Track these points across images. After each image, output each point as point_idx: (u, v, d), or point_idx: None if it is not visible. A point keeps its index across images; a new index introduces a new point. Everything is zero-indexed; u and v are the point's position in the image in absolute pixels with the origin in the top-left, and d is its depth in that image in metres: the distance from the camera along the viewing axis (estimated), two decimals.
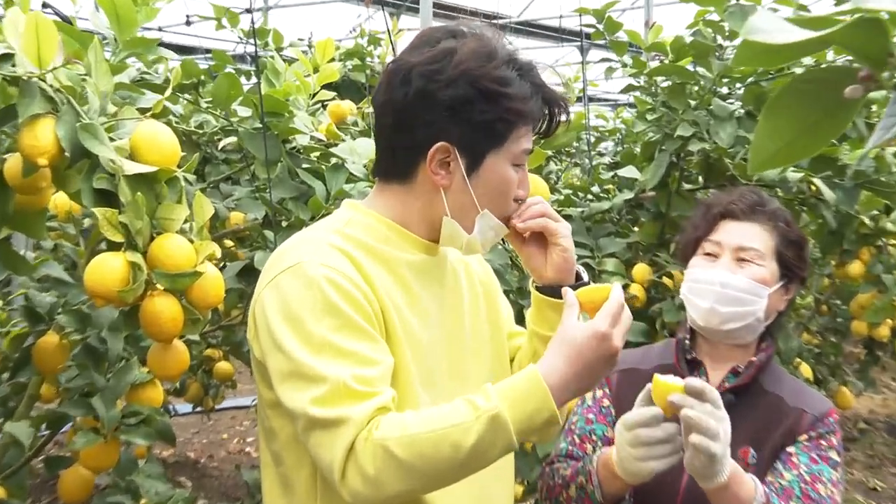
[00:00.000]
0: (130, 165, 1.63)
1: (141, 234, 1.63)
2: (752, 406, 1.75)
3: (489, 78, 1.38)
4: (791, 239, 1.79)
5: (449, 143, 1.40)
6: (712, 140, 2.92)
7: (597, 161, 4.59)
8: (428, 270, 1.51)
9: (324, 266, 1.35)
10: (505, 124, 1.41)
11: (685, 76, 3.01)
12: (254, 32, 2.91)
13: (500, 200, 1.47)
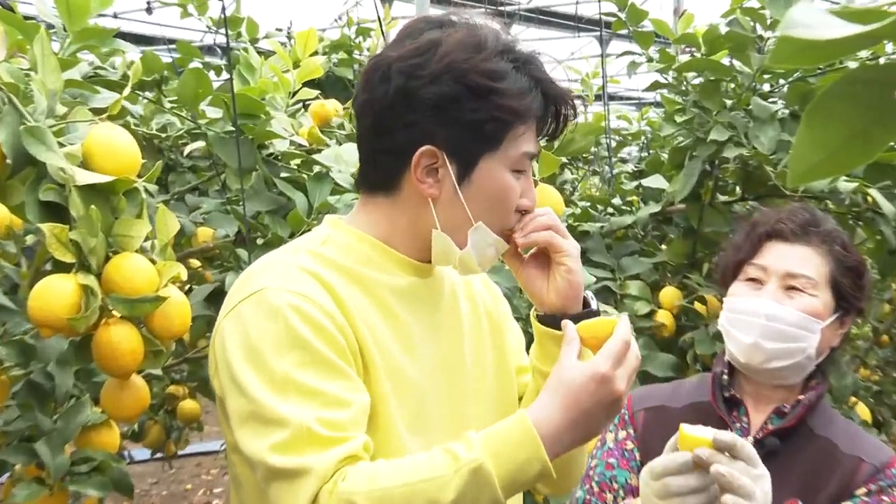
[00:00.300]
0: (83, 175, 1.63)
1: (95, 253, 1.63)
2: (800, 452, 1.74)
3: (478, 71, 1.38)
4: (848, 265, 1.78)
5: (436, 147, 1.40)
6: (751, 145, 2.93)
7: (618, 169, 4.60)
8: (418, 295, 1.51)
9: (290, 293, 1.35)
10: (498, 124, 1.40)
11: (720, 72, 3.02)
12: (225, 21, 2.93)
13: (497, 211, 1.46)
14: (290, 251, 1.47)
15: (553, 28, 12.48)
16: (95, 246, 1.63)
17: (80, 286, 1.62)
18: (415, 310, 1.50)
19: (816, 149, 0.58)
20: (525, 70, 1.42)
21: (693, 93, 3.14)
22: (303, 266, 1.41)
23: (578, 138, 3.09)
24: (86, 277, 1.63)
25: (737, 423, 1.79)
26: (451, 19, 1.46)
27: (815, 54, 0.52)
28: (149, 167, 1.86)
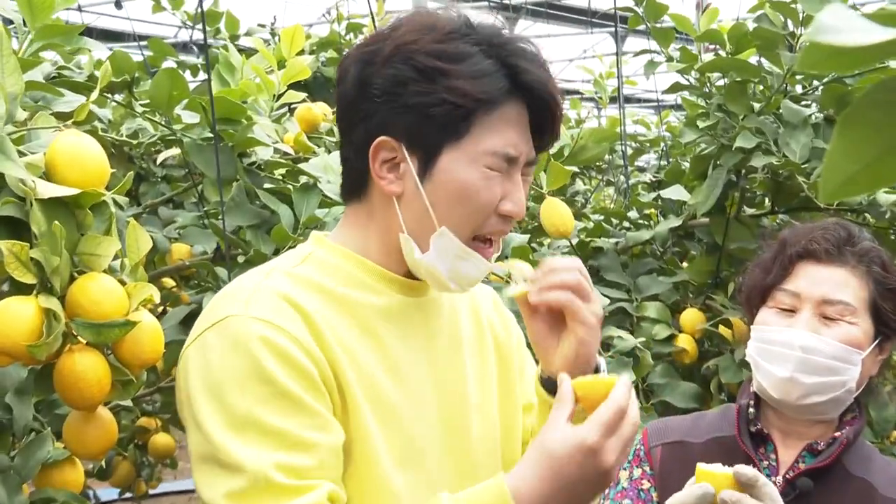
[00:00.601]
0: (46, 187, 1.63)
1: (58, 273, 1.62)
2: (835, 495, 1.74)
3: (426, 51, 1.39)
4: (889, 287, 1.77)
5: (393, 139, 1.42)
6: (781, 153, 2.94)
7: (635, 179, 4.61)
8: (407, 315, 1.52)
9: (257, 321, 1.36)
10: (449, 108, 1.39)
11: (747, 72, 3.03)
12: (202, 15, 2.93)
13: (464, 213, 1.44)
14: (265, 272, 1.47)
15: (564, 23, 12.52)
16: (59, 265, 1.62)
17: (42, 309, 1.61)
18: (404, 332, 1.51)
19: (851, 160, 0.59)
20: (494, 53, 1.42)
21: (717, 95, 3.16)
22: (275, 289, 1.41)
23: (591, 145, 3.10)
24: (48, 300, 1.62)
25: (764, 460, 1.79)
26: (425, 10, 1.48)
27: (845, 60, 0.53)
28: (119, 177, 1.87)
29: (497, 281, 2.66)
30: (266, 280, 1.43)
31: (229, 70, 2.73)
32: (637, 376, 2.69)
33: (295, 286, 1.43)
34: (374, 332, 1.47)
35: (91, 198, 1.67)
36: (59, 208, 1.64)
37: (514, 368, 1.68)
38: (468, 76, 1.39)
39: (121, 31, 8.47)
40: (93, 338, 1.64)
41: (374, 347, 1.46)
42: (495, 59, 1.41)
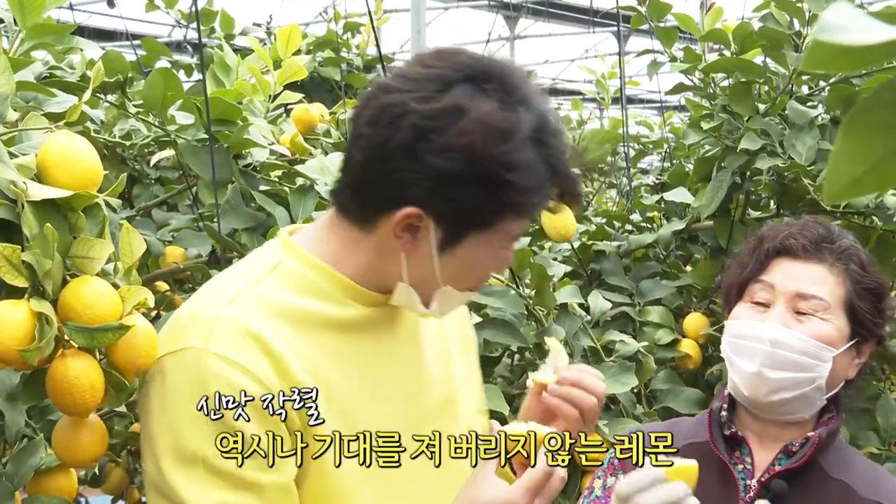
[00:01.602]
0: (37, 189, 1.62)
1: (50, 276, 1.61)
2: (811, 497, 1.74)
3: (497, 162, 1.40)
4: (867, 287, 1.77)
5: (424, 213, 1.44)
6: (787, 155, 2.94)
7: (637, 181, 4.61)
8: (375, 326, 1.57)
9: (217, 358, 1.41)
10: (497, 215, 1.45)
11: (752, 72, 3.04)
12: (196, 14, 2.93)
13: (469, 280, 1.55)
14: (228, 297, 1.49)
15: (565, 22, 12.52)
16: (51, 269, 1.61)
17: (34, 313, 1.61)
18: (371, 343, 1.57)
19: (857, 161, 0.59)
20: (546, 151, 1.45)
21: (722, 96, 3.16)
22: (238, 322, 1.45)
23: (593, 147, 3.11)
24: (40, 304, 1.61)
25: (739, 464, 1.80)
26: (487, 69, 1.46)
27: (851, 60, 0.53)
28: (111, 179, 1.87)
29: (497, 284, 2.66)
30: (230, 309, 1.46)
31: (224, 70, 2.73)
32: (640, 381, 2.69)
33: (259, 314, 1.47)
34: (340, 346, 1.52)
35: (83, 200, 1.67)
36: (51, 210, 1.63)
37: (475, 367, 1.79)
38: (525, 190, 1.43)
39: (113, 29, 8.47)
40: (86, 342, 1.63)
41: (338, 360, 1.51)
42: (544, 162, 1.44)
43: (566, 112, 5.98)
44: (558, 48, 13.73)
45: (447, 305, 1.57)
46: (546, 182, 1.45)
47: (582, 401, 1.59)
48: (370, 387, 1.54)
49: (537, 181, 1.44)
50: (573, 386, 1.60)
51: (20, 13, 1.96)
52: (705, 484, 1.76)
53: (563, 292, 2.79)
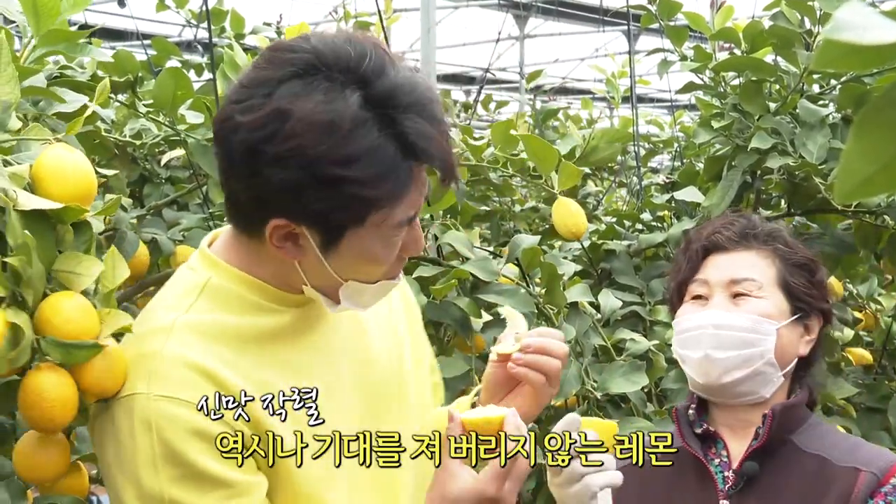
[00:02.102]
0: (26, 198, 1.59)
1: (31, 286, 1.58)
2: (786, 474, 1.77)
3: (327, 158, 1.35)
4: (796, 263, 1.86)
5: (290, 220, 1.41)
6: (798, 154, 2.94)
7: (648, 180, 4.61)
8: (308, 325, 1.57)
9: (162, 400, 1.42)
10: (350, 212, 1.40)
11: (763, 71, 3.03)
12: (207, 13, 2.93)
13: (370, 272, 1.51)
14: (164, 329, 1.48)
15: (575, 21, 12.52)
16: (32, 278, 1.57)
17: (8, 323, 1.56)
18: (309, 341, 1.57)
19: (868, 161, 0.59)
20: (394, 131, 1.38)
21: (732, 95, 3.15)
22: (177, 357, 1.44)
23: (603, 146, 3.10)
24: (17, 314, 1.56)
25: (715, 458, 1.83)
26: (314, 63, 1.39)
27: (862, 59, 0.53)
28: (122, 178, 1.87)
29: (507, 283, 2.66)
30: (168, 344, 1.46)
31: (234, 69, 2.73)
32: (650, 380, 2.69)
33: (196, 342, 1.46)
34: (281, 351, 1.53)
35: (73, 213, 1.63)
36: (39, 221, 1.59)
37: (420, 327, 1.82)
38: (373, 181, 1.37)
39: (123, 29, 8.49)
40: (61, 357, 1.57)
41: (284, 368, 1.52)
42: (397, 143, 1.38)
43: (576, 111, 5.97)
44: (568, 47, 13.72)
45: (364, 298, 1.54)
46: (400, 164, 1.39)
47: (547, 366, 1.60)
48: (322, 386, 1.54)
49: (385, 166, 1.37)
50: (537, 353, 1.60)
51: (34, 19, 1.95)
52: (682, 483, 1.81)
53: (573, 291, 2.79)
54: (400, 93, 1.39)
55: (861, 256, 3.21)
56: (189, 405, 1.42)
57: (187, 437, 1.41)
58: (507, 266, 2.80)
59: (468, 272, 2.65)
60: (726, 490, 1.78)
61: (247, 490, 1.45)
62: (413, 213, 1.47)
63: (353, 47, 1.40)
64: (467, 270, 2.64)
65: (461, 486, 1.46)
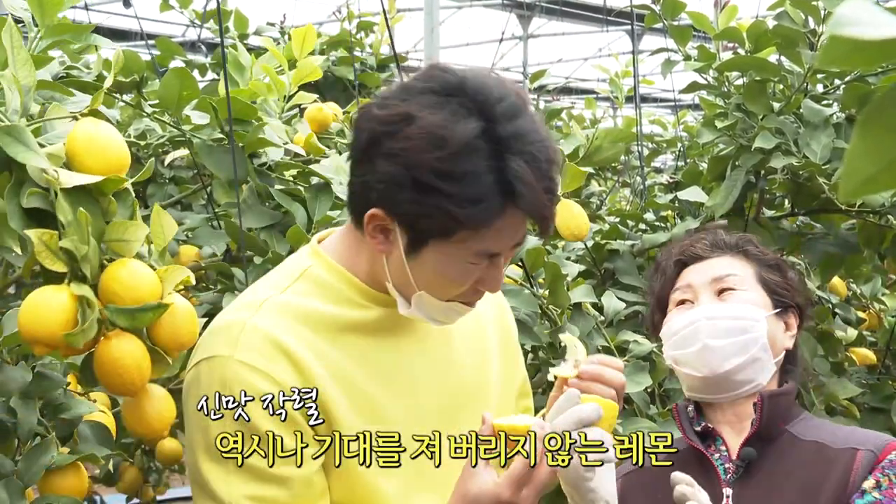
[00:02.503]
0: (69, 176, 1.64)
1: (88, 260, 1.64)
2: (786, 461, 1.80)
3: (429, 168, 1.46)
4: (769, 263, 1.94)
5: (385, 213, 1.52)
6: (802, 153, 2.94)
7: (651, 180, 4.61)
8: (396, 326, 1.65)
9: (243, 366, 1.53)
10: (437, 222, 1.49)
11: (766, 71, 3.03)
12: (218, 10, 2.93)
13: (443, 290, 1.58)
14: (256, 304, 1.59)
15: (579, 21, 12.52)
16: (88, 253, 1.63)
17: (75, 297, 1.63)
18: (393, 341, 1.66)
19: (871, 160, 0.59)
20: (498, 168, 1.47)
21: (736, 95, 3.15)
22: (262, 330, 1.55)
23: (607, 146, 3.10)
24: (80, 287, 1.63)
25: (715, 453, 1.86)
26: (457, 83, 1.50)
27: (867, 56, 0.53)
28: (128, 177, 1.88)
29: (511, 283, 2.67)
30: (256, 317, 1.57)
31: (238, 70, 2.74)
32: (653, 381, 2.70)
33: (283, 321, 1.57)
34: (358, 345, 1.61)
35: (113, 184, 1.69)
36: (83, 196, 1.66)
37: (516, 343, 1.88)
38: (462, 200, 1.47)
39: (128, 29, 8.50)
40: (127, 323, 1.67)
41: (362, 361, 1.61)
42: (497, 179, 1.47)
43: (580, 111, 5.98)
44: (572, 47, 13.72)
45: (433, 312, 1.61)
46: (493, 196, 1.47)
47: (602, 394, 1.61)
48: (396, 385, 1.63)
49: (478, 193, 1.46)
50: (593, 381, 1.63)
51: (39, 11, 1.97)
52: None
53: (576, 292, 2.79)
54: (521, 139, 1.49)
55: (865, 256, 3.21)
56: (263, 374, 1.52)
57: (258, 402, 1.52)
58: (511, 267, 2.80)
59: None
60: (728, 479, 1.81)
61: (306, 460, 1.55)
62: (497, 251, 1.55)
63: (498, 86, 1.52)
64: None
65: (480, 487, 1.51)
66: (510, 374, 1.85)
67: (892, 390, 3.42)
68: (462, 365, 1.73)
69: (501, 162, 1.47)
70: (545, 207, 1.52)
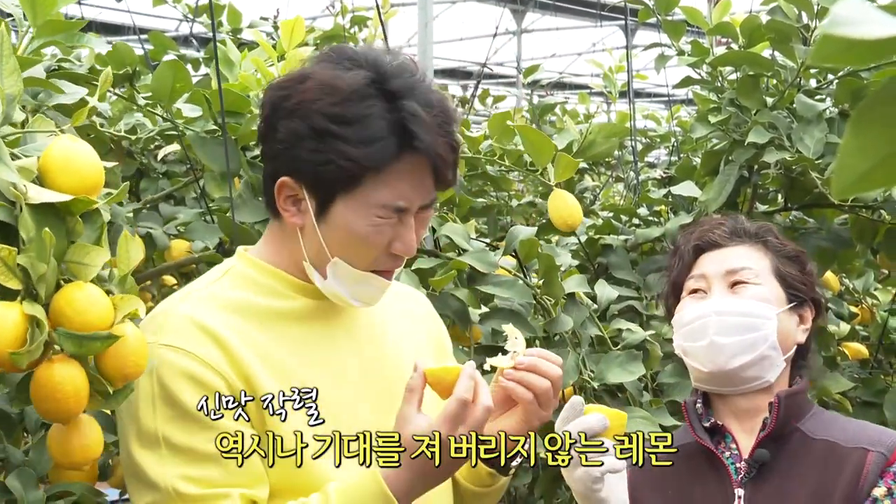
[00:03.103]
0: (37, 192, 1.59)
1: (44, 280, 1.57)
2: (798, 462, 1.79)
3: (322, 113, 1.55)
4: (787, 255, 1.91)
5: (293, 180, 1.59)
6: (795, 148, 2.94)
7: (644, 175, 4.61)
8: (323, 316, 1.70)
9: (166, 348, 1.56)
10: (337, 169, 1.55)
11: (760, 66, 3.03)
12: (210, 6, 2.93)
13: (356, 253, 1.62)
14: (181, 296, 1.67)
15: (572, 16, 12.53)
16: (46, 273, 1.58)
17: (26, 316, 1.56)
18: (321, 331, 1.70)
19: (864, 156, 0.59)
20: (393, 117, 1.55)
21: (729, 90, 3.16)
22: (185, 315, 1.61)
23: (600, 141, 3.10)
24: (32, 307, 1.56)
25: (726, 451, 1.85)
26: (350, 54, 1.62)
27: (860, 54, 0.53)
28: (117, 172, 1.87)
29: (505, 274, 2.66)
30: (179, 305, 1.64)
31: (228, 65, 2.73)
32: (647, 370, 2.70)
33: (206, 308, 1.62)
34: (288, 333, 1.66)
35: (83, 205, 1.64)
36: (49, 214, 1.60)
37: (450, 355, 1.92)
38: (357, 141, 1.54)
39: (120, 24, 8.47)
40: (75, 349, 1.58)
41: (289, 343, 1.65)
42: (391, 122, 1.55)
43: (573, 106, 5.97)
44: (565, 42, 13.72)
45: (350, 283, 1.64)
46: (388, 136, 1.55)
47: (535, 384, 1.63)
48: (323, 365, 1.66)
49: (372, 134, 1.54)
50: (528, 370, 1.64)
51: (31, 10, 1.95)
52: (697, 476, 1.83)
53: (570, 282, 2.80)
54: (413, 90, 1.58)
55: (857, 251, 3.21)
56: (189, 354, 1.56)
57: (183, 381, 1.55)
58: (505, 258, 2.80)
59: (466, 264, 2.66)
60: (740, 479, 1.80)
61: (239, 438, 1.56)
62: (403, 204, 1.59)
63: (392, 56, 1.63)
64: (465, 262, 2.65)
65: (413, 430, 1.54)
66: None
67: (885, 384, 3.43)
68: (395, 361, 1.76)
69: (394, 107, 1.56)
70: (442, 149, 1.57)
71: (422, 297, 1.99)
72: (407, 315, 1.86)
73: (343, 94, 1.55)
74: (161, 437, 1.55)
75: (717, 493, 1.81)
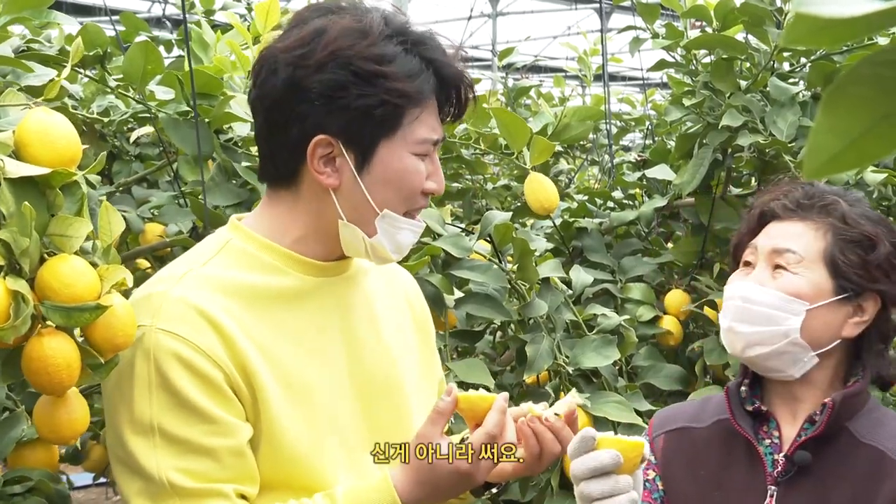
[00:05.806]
0: (15, 166, 1.60)
1: (27, 255, 1.59)
2: (841, 466, 1.72)
3: (363, 56, 1.54)
4: (850, 239, 1.74)
5: (330, 136, 1.56)
6: (768, 131, 2.95)
7: (619, 158, 4.62)
8: (320, 295, 1.68)
9: (165, 334, 1.53)
10: (390, 108, 1.56)
11: (734, 49, 3.04)
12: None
13: (402, 196, 1.63)
14: (177, 276, 1.61)
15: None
16: (28, 247, 1.59)
17: (10, 291, 1.58)
18: (317, 311, 1.68)
19: (836, 137, 0.59)
20: (416, 52, 1.59)
21: (703, 73, 3.16)
22: (184, 299, 1.57)
23: (575, 124, 3.11)
24: (16, 282, 1.58)
25: (766, 439, 1.79)
26: (339, 5, 1.62)
27: (833, 34, 0.53)
28: (90, 157, 1.86)
29: (479, 258, 2.67)
30: (177, 287, 1.59)
31: (202, 47, 2.72)
32: (621, 354, 2.71)
33: (204, 291, 1.58)
34: (283, 315, 1.64)
35: (62, 177, 1.65)
36: (28, 188, 1.61)
37: (434, 346, 1.91)
38: (402, 77, 1.56)
39: (91, 4, 8.41)
40: (63, 321, 1.60)
41: (284, 332, 1.63)
42: (418, 57, 1.59)
43: (548, 89, 5.97)
44: (540, 25, 13.71)
45: (400, 240, 1.65)
46: (423, 70, 1.58)
47: (551, 443, 1.65)
48: (317, 356, 1.65)
49: (412, 68, 1.57)
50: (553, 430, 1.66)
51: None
52: (732, 461, 1.77)
53: (545, 267, 2.80)
54: (422, 35, 1.62)
55: None
56: (187, 342, 1.53)
57: (181, 370, 1.52)
58: (480, 242, 2.80)
59: (441, 249, 2.65)
60: (775, 475, 1.74)
61: (230, 431, 1.54)
62: (436, 136, 1.63)
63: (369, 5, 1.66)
64: (440, 247, 2.65)
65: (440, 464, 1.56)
66: (430, 368, 1.89)
67: None
68: (386, 346, 1.76)
69: (413, 46, 1.59)
70: (464, 79, 1.63)
71: (410, 278, 1.97)
72: (398, 295, 1.87)
73: (375, 35, 1.55)
74: (156, 426, 1.52)
75: (749, 486, 1.75)
